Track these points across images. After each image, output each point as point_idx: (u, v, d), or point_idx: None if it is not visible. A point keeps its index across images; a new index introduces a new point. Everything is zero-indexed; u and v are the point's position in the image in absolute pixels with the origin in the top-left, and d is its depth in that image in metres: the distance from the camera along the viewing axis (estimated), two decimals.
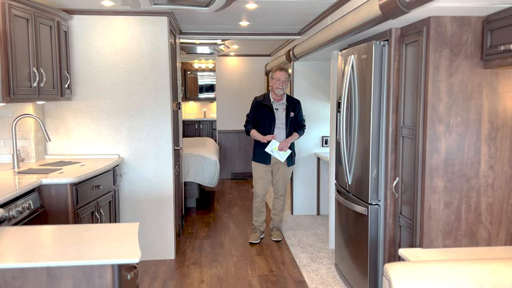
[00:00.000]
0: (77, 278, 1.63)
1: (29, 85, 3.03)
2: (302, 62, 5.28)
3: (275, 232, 4.64)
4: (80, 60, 3.82)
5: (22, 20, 2.96)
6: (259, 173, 4.45)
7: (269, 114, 4.34)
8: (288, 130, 4.36)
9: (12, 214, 2.38)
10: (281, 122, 4.35)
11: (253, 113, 4.44)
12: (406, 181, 2.66)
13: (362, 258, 3.07)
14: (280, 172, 4.46)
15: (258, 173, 4.45)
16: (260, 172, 4.44)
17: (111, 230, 1.94)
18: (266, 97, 4.41)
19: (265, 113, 4.36)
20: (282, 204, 4.63)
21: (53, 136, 3.85)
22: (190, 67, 9.69)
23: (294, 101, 4.43)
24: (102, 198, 3.40)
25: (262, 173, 4.44)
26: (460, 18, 2.32)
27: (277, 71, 4.30)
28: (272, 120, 4.33)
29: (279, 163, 4.41)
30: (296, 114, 4.40)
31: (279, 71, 4.29)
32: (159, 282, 3.56)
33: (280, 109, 4.37)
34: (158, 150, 3.97)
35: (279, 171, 4.46)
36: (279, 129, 4.35)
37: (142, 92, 3.90)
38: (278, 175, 4.47)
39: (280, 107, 4.37)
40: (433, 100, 2.37)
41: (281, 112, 4.36)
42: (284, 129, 4.35)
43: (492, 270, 2.02)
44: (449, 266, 2.03)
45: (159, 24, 3.85)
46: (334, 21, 3.40)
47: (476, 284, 1.99)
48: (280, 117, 4.36)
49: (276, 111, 4.35)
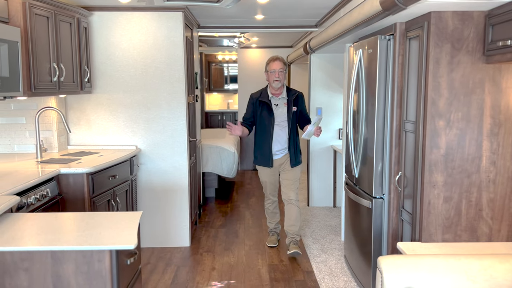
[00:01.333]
0: (78, 262, 1.76)
1: (49, 79, 3.21)
2: (319, 54, 5.29)
3: (292, 246, 3.92)
4: (99, 55, 3.99)
5: (42, 18, 3.12)
6: (264, 176, 4.09)
7: (268, 112, 3.89)
8: (291, 127, 3.88)
9: (30, 201, 2.56)
10: (282, 120, 3.88)
11: (249, 113, 4.01)
12: (408, 176, 2.68)
13: (367, 250, 3.12)
14: (286, 174, 4.00)
15: (263, 176, 4.10)
16: (265, 175, 4.07)
17: (115, 218, 2.08)
18: (263, 92, 3.94)
19: (263, 111, 3.90)
20: (296, 211, 3.96)
21: (75, 128, 4.05)
22: (214, 59, 9.82)
23: (295, 94, 3.91)
24: (118, 187, 3.57)
25: (267, 176, 4.07)
26: (462, 13, 2.31)
27: (271, 62, 3.86)
28: (272, 117, 3.88)
29: (283, 164, 3.98)
30: (299, 108, 3.91)
31: (273, 61, 3.85)
32: (172, 268, 3.72)
33: (280, 105, 3.90)
34: (173, 142, 4.11)
35: (284, 174, 4.01)
36: (280, 127, 3.89)
37: (158, 86, 4.04)
38: (285, 178, 4.00)
39: (280, 102, 3.90)
40: (433, 96, 2.37)
41: (282, 108, 3.89)
42: (286, 127, 3.88)
43: (485, 265, 2.04)
44: (442, 260, 2.06)
45: (174, 19, 3.96)
46: (343, 15, 3.41)
47: (468, 278, 2.01)
48: (281, 114, 3.89)
49: (275, 107, 3.89)
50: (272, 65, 3.84)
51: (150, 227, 4.17)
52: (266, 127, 3.90)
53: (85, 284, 1.78)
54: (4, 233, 1.86)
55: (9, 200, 2.13)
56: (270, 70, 3.85)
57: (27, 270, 1.76)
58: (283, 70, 3.83)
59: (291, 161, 3.95)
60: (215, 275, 3.59)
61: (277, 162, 3.99)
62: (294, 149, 3.96)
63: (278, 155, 3.98)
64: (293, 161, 3.96)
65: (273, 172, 4.06)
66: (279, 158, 3.98)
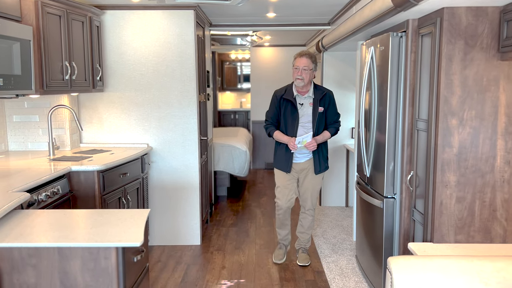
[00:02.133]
0: (85, 258, 1.77)
1: (61, 78, 3.23)
2: (331, 53, 5.24)
3: (301, 255, 3.78)
4: (112, 53, 4.01)
5: (55, 17, 3.15)
6: (282, 181, 3.66)
7: (292, 111, 3.54)
8: (317, 129, 3.52)
9: (41, 198, 2.58)
10: (307, 120, 3.53)
11: (273, 111, 3.64)
12: (420, 175, 2.63)
13: (378, 251, 3.07)
14: (307, 181, 3.64)
15: (281, 181, 3.67)
16: (283, 180, 3.65)
17: (123, 215, 2.08)
18: (288, 90, 3.59)
19: (286, 110, 3.56)
20: (310, 220, 3.77)
21: (87, 126, 4.08)
22: (227, 58, 9.82)
23: (323, 93, 3.55)
24: (129, 185, 3.59)
25: (285, 181, 3.65)
26: (476, 9, 2.25)
27: (296, 58, 3.53)
28: (296, 117, 3.52)
29: (305, 170, 3.62)
30: (327, 108, 3.55)
31: (299, 57, 3.51)
32: (182, 266, 3.72)
33: (305, 104, 3.54)
34: (184, 140, 4.11)
35: (306, 180, 3.64)
36: (304, 128, 3.53)
37: (169, 84, 4.05)
38: (305, 185, 3.65)
39: (305, 101, 3.54)
40: (445, 93, 2.32)
41: (307, 107, 3.53)
42: (311, 129, 3.52)
43: (498, 267, 1.98)
44: (453, 261, 2.01)
45: (185, 17, 3.96)
46: (355, 12, 3.37)
47: (481, 281, 1.96)
48: (306, 114, 3.53)
49: (300, 106, 3.54)
50: (296, 62, 3.52)
51: (161, 225, 4.19)
52: (289, 128, 3.55)
53: (91, 281, 1.79)
54: (13, 229, 1.87)
55: (19, 197, 2.15)
56: (294, 66, 3.54)
57: (35, 266, 1.77)
58: (307, 68, 3.47)
59: (315, 167, 3.58)
60: (225, 274, 3.58)
61: (298, 167, 3.62)
62: (320, 154, 3.59)
63: (299, 159, 3.61)
64: (317, 167, 3.59)
65: (291, 178, 3.65)
66: (301, 163, 3.61)
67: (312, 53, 3.54)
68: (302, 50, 3.55)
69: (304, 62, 3.47)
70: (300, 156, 3.60)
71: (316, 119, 3.51)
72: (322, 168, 3.63)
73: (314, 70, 3.53)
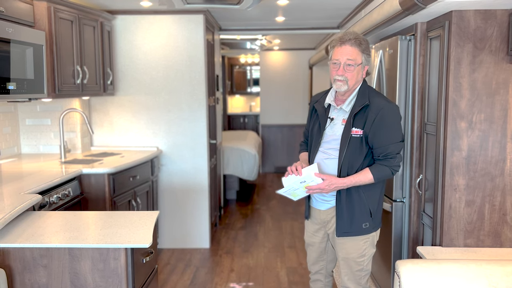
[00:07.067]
0: (95, 259, 1.80)
1: (73, 82, 3.29)
2: None
3: None
4: (122, 57, 4.06)
5: (67, 22, 3.21)
6: (306, 231, 2.45)
7: (319, 127, 2.28)
8: (347, 162, 2.16)
9: (53, 200, 2.62)
10: (333, 146, 2.21)
11: (308, 123, 2.44)
12: (429, 179, 2.62)
13: (387, 254, 3.06)
14: (335, 244, 2.30)
15: (306, 232, 2.46)
16: (306, 232, 2.45)
17: (132, 217, 2.10)
18: (325, 94, 2.34)
19: (315, 124, 2.32)
20: None
21: (98, 129, 4.13)
22: (237, 62, 9.87)
23: (362, 105, 2.14)
24: (139, 188, 3.62)
25: (308, 233, 2.43)
26: (484, 12, 2.25)
27: (336, 46, 2.17)
28: (320, 137, 2.26)
29: (328, 223, 2.28)
30: (370, 131, 2.12)
31: (339, 44, 2.15)
32: (191, 269, 3.74)
33: (337, 119, 2.23)
34: (194, 143, 4.14)
35: (335, 241, 2.28)
36: (324, 154, 2.24)
37: (179, 88, 4.08)
38: (336, 248, 2.30)
39: (338, 115, 2.24)
40: (454, 97, 2.32)
41: (338, 125, 2.22)
42: (336, 157, 2.19)
43: (508, 271, 1.97)
44: (462, 265, 2.00)
45: (195, 22, 4.00)
46: (364, 15, 3.37)
47: (490, 285, 1.95)
48: (332, 133, 2.23)
49: (329, 122, 2.25)
50: (335, 52, 2.17)
51: (170, 228, 4.22)
52: (311, 150, 2.32)
53: (101, 281, 1.81)
54: (25, 230, 1.91)
55: (31, 199, 2.19)
56: (331, 60, 2.19)
57: (46, 266, 1.81)
58: (354, 63, 2.13)
59: (337, 224, 2.21)
60: (234, 277, 3.59)
61: (320, 215, 2.31)
62: (354, 200, 2.18)
63: (320, 204, 2.31)
64: (340, 226, 2.20)
65: (317, 231, 2.37)
66: (322, 210, 2.30)
67: (361, 37, 2.18)
68: (345, 32, 2.20)
69: (349, 52, 2.12)
70: (320, 198, 2.30)
71: (346, 146, 2.16)
72: (355, 227, 2.19)
73: (366, 64, 2.19)
